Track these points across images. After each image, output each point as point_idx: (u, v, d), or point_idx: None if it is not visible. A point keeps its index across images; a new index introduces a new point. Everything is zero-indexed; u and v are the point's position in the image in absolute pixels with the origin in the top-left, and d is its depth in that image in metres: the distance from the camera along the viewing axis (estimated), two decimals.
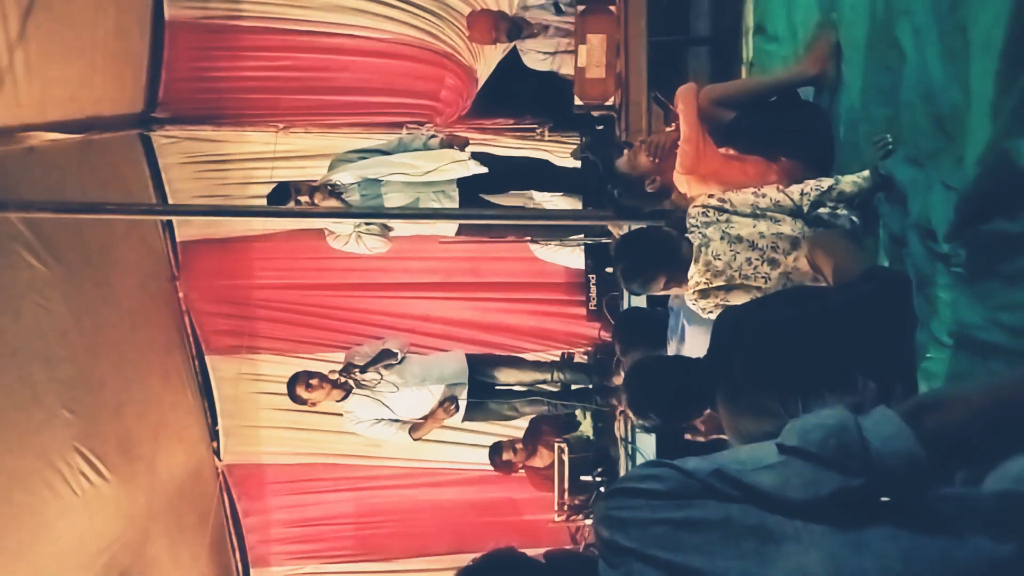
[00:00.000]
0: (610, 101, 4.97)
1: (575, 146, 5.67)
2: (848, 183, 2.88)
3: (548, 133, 5.95)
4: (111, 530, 5.17)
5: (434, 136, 5.33)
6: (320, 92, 6.05)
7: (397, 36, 5.92)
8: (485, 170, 5.12)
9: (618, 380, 5.23)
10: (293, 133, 6.02)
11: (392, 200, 5.08)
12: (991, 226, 2.17)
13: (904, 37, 2.58)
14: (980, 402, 1.46)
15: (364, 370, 5.52)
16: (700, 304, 3.06)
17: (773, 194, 3.00)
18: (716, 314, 2.92)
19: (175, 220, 6.21)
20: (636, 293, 3.30)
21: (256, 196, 5.80)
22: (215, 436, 6.52)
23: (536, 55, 5.57)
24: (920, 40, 2.47)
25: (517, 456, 5.70)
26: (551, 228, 5.33)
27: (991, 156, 2.11)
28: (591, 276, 5.27)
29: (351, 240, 5.24)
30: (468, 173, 5.08)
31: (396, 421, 5.64)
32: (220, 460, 6.57)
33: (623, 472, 4.77)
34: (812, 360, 2.38)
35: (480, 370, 5.73)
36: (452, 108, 6.04)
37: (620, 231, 4.20)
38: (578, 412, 5.70)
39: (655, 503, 1.42)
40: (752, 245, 2.91)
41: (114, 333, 5.38)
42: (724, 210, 3.02)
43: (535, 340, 6.36)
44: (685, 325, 3.57)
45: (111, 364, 5.30)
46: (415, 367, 5.66)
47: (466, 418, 5.73)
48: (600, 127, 5.13)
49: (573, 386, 5.78)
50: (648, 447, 4.35)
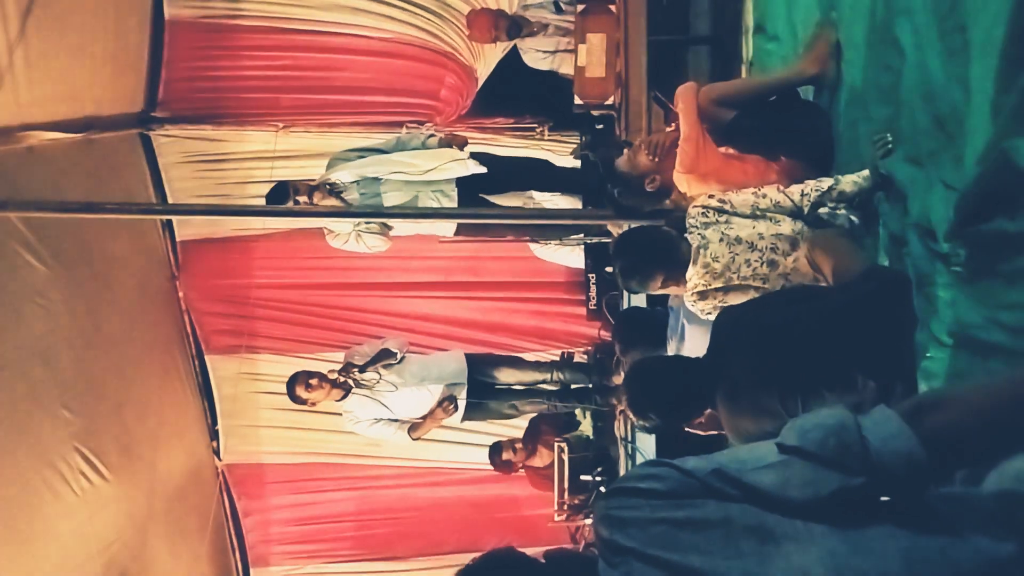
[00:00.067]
0: (610, 100, 4.97)
1: (575, 145, 5.67)
2: (848, 183, 2.88)
3: (548, 132, 5.95)
4: (111, 530, 5.17)
5: (433, 135, 5.32)
6: (320, 91, 6.05)
7: (397, 35, 5.91)
8: (484, 170, 5.11)
9: (618, 380, 5.23)
10: (293, 133, 6.01)
11: (391, 199, 5.07)
12: (991, 225, 2.17)
13: (904, 36, 2.58)
14: (980, 402, 1.46)
15: (363, 370, 5.52)
16: (699, 306, 3.06)
17: (773, 194, 3.00)
18: (715, 315, 2.92)
19: (175, 219, 6.21)
20: (634, 291, 3.30)
21: (256, 196, 5.80)
22: (215, 436, 6.52)
23: (536, 54, 5.57)
24: (920, 39, 2.47)
25: (517, 456, 5.70)
26: (551, 227, 5.33)
27: (991, 155, 2.11)
28: (591, 275, 5.27)
29: (351, 239, 5.24)
30: (467, 172, 5.07)
31: (395, 421, 5.64)
32: (220, 460, 6.57)
33: (623, 472, 4.77)
34: (812, 359, 2.38)
35: (479, 370, 5.73)
36: (452, 107, 6.04)
37: (620, 230, 4.19)
38: (578, 412, 5.70)
39: (655, 503, 1.42)
40: (751, 246, 2.91)
41: (114, 332, 5.38)
42: (724, 211, 3.02)
43: (535, 339, 6.36)
44: (685, 325, 3.57)
45: (111, 364, 5.30)
46: (414, 367, 5.66)
47: (465, 418, 5.72)
48: (600, 126, 5.13)
49: (573, 386, 5.78)
50: (648, 446, 4.35)
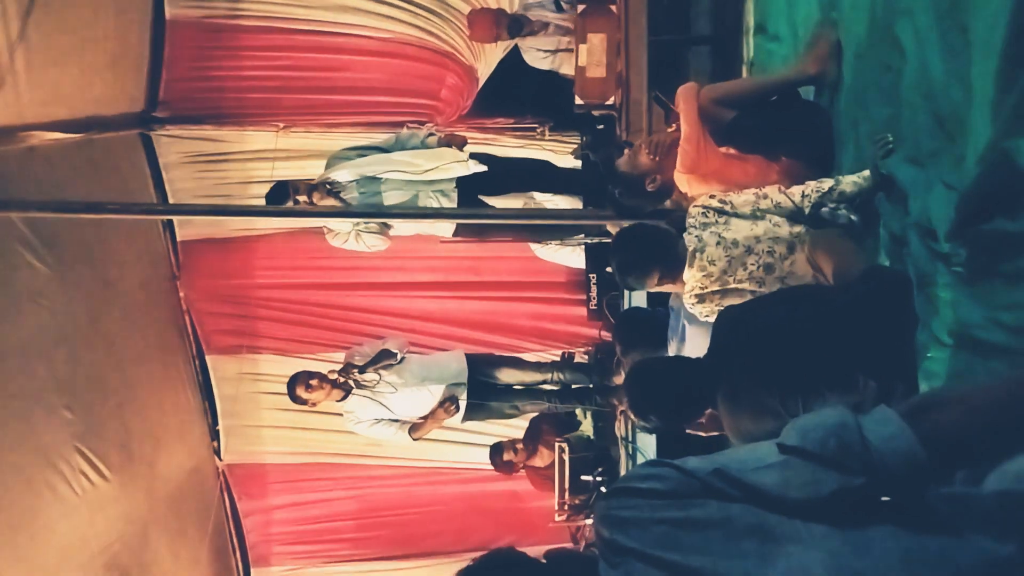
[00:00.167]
0: (611, 100, 4.97)
1: (575, 146, 5.67)
2: (849, 183, 2.88)
3: (548, 133, 5.95)
4: (111, 530, 5.17)
5: (432, 134, 5.32)
6: (321, 92, 6.05)
7: (398, 35, 5.91)
8: (485, 168, 5.11)
9: (619, 380, 5.23)
10: (294, 133, 6.01)
11: (391, 198, 5.07)
12: (992, 225, 2.17)
13: (905, 36, 2.58)
14: (980, 402, 1.46)
15: (363, 370, 5.52)
16: (697, 308, 3.06)
17: (775, 195, 3.00)
18: (715, 317, 2.92)
19: (176, 220, 6.21)
20: (631, 288, 3.30)
21: (256, 196, 5.80)
22: (216, 436, 6.52)
23: (537, 53, 5.57)
24: (920, 39, 2.47)
25: (518, 456, 5.70)
26: (551, 228, 5.33)
27: (992, 155, 2.11)
28: (592, 276, 5.27)
29: (350, 238, 5.24)
30: (468, 172, 5.07)
31: (396, 421, 5.64)
32: (220, 460, 6.57)
33: (624, 472, 4.77)
34: (813, 359, 2.38)
35: (480, 370, 5.73)
36: (453, 107, 6.04)
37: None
38: (578, 412, 5.70)
39: (656, 503, 1.42)
40: (748, 250, 2.91)
41: (115, 333, 5.38)
42: (724, 211, 3.02)
43: (536, 340, 6.36)
44: (686, 325, 3.57)
45: (111, 363, 5.30)
46: (414, 367, 5.66)
47: (466, 418, 5.72)
48: (601, 127, 5.13)
49: (573, 386, 5.78)
50: (649, 447, 4.35)
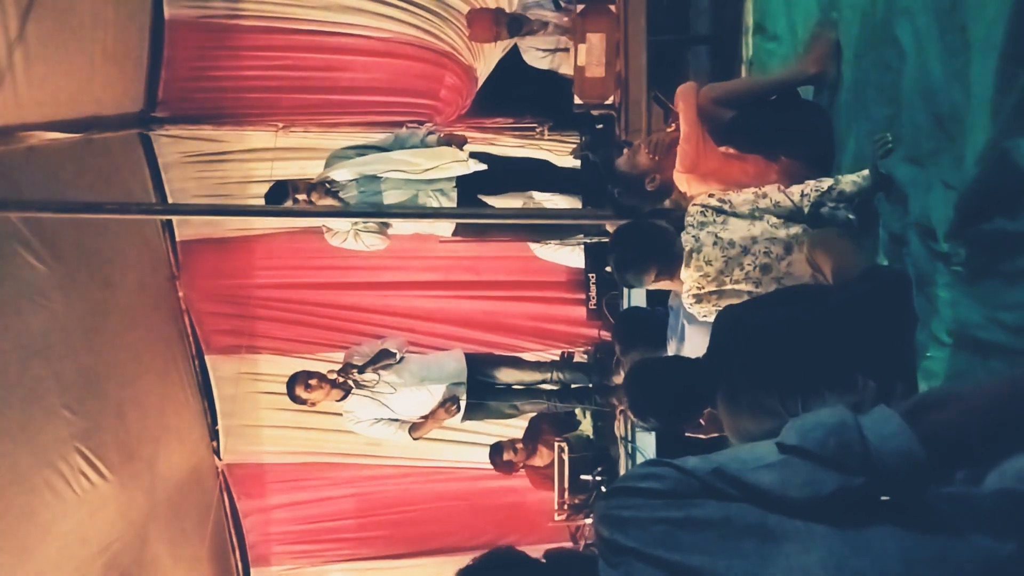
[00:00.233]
0: (610, 100, 4.97)
1: (575, 145, 5.67)
2: (848, 183, 2.88)
3: (548, 132, 5.95)
4: (111, 530, 5.17)
5: (432, 133, 5.32)
6: (320, 91, 6.05)
7: (397, 35, 5.91)
8: (484, 167, 5.11)
9: (618, 379, 5.23)
10: (293, 132, 6.01)
11: (390, 197, 5.07)
12: (991, 225, 2.17)
13: (904, 36, 2.58)
14: (980, 401, 1.46)
15: (362, 370, 5.52)
16: (695, 309, 3.06)
17: (774, 194, 3.00)
18: (714, 316, 2.92)
19: (175, 219, 6.21)
20: (629, 285, 3.30)
21: (256, 196, 5.80)
22: (215, 436, 6.52)
23: (536, 52, 5.57)
24: (920, 39, 2.47)
25: (518, 456, 5.70)
26: (551, 227, 5.32)
27: (991, 155, 2.11)
28: (591, 275, 5.27)
29: (349, 237, 5.23)
30: (468, 171, 5.07)
31: (395, 420, 5.64)
32: (220, 460, 6.57)
33: (623, 471, 4.77)
34: (812, 359, 2.38)
35: (479, 370, 5.72)
36: (452, 107, 6.03)
37: None
38: (578, 411, 5.70)
39: (655, 502, 1.42)
40: (745, 250, 2.91)
41: (114, 332, 5.38)
42: (723, 211, 3.02)
43: (535, 339, 6.36)
44: (685, 324, 3.56)
45: (111, 363, 5.29)
46: (414, 367, 5.65)
47: (466, 417, 5.72)
48: (600, 126, 5.13)
49: (573, 385, 5.77)
50: (648, 446, 4.35)
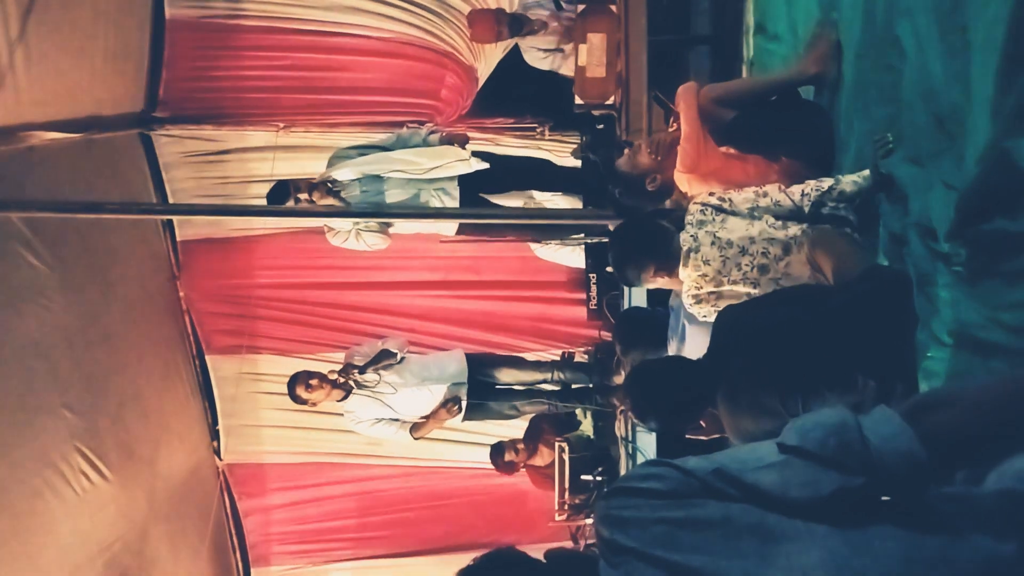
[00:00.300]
0: (610, 100, 4.97)
1: (575, 145, 5.67)
2: (848, 183, 2.87)
3: (548, 132, 5.94)
4: (112, 529, 5.17)
5: (434, 132, 5.32)
6: (321, 91, 6.05)
7: (398, 35, 5.91)
8: (487, 166, 5.12)
9: (619, 380, 5.23)
10: (293, 132, 6.02)
11: (393, 196, 5.07)
12: (992, 225, 2.17)
13: (905, 36, 2.58)
14: (980, 401, 1.46)
15: (363, 371, 5.52)
16: (695, 309, 3.06)
17: (775, 194, 3.00)
18: (714, 316, 2.92)
19: (175, 219, 6.21)
20: (629, 282, 3.30)
21: (257, 196, 5.80)
22: (216, 436, 6.52)
23: (537, 52, 5.57)
24: (920, 39, 2.47)
25: (519, 456, 5.69)
26: (552, 227, 5.33)
27: (991, 155, 2.11)
28: (591, 275, 5.27)
29: (350, 237, 5.23)
30: (470, 170, 5.08)
31: (396, 420, 5.64)
32: (221, 459, 6.57)
33: (623, 471, 4.77)
34: (812, 359, 2.38)
35: (480, 370, 5.72)
36: (453, 107, 6.03)
37: None
38: (578, 411, 5.69)
39: (656, 502, 1.42)
40: (743, 250, 2.91)
41: (115, 333, 5.38)
42: (722, 209, 3.02)
43: (535, 339, 6.36)
44: (686, 324, 3.56)
45: (111, 364, 5.30)
46: (414, 367, 5.65)
47: (466, 418, 5.72)
48: (600, 126, 5.13)
49: (573, 385, 5.77)
50: (649, 446, 4.36)
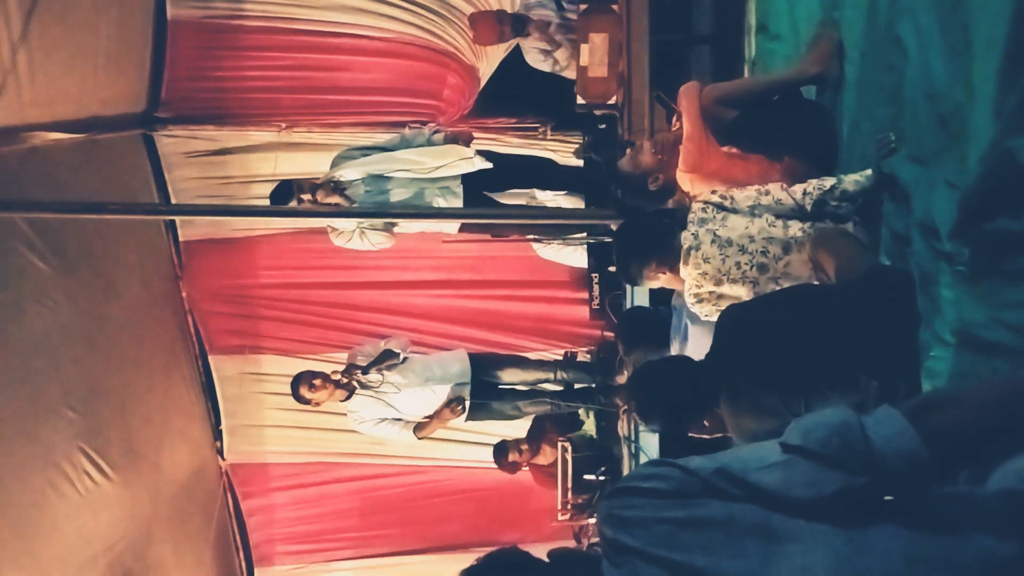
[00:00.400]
0: (612, 100, 4.96)
1: (577, 145, 5.67)
2: (851, 182, 2.87)
3: (550, 132, 5.95)
4: (115, 530, 5.18)
5: (438, 131, 5.32)
6: (323, 91, 6.06)
7: (400, 35, 5.92)
8: (490, 165, 5.12)
9: (621, 379, 5.23)
10: (296, 132, 6.02)
11: (397, 196, 5.08)
12: (994, 225, 2.16)
13: (907, 36, 2.57)
14: (983, 401, 1.46)
15: (366, 371, 5.52)
16: (697, 308, 3.06)
17: (776, 192, 3.00)
18: (717, 316, 2.92)
19: (178, 220, 6.22)
20: (632, 279, 3.29)
21: (259, 196, 5.81)
22: (219, 435, 6.53)
23: (537, 55, 5.57)
24: (923, 39, 2.46)
25: (522, 456, 5.70)
26: (554, 227, 5.33)
27: (994, 154, 2.10)
28: (594, 275, 5.27)
29: (354, 236, 5.24)
30: (474, 169, 5.08)
31: (399, 420, 5.64)
32: (224, 459, 6.58)
33: (626, 471, 4.77)
34: (815, 359, 2.38)
35: (483, 370, 5.72)
36: (454, 107, 6.04)
37: None
38: (581, 411, 5.70)
39: (659, 502, 1.42)
40: (742, 249, 2.91)
41: (117, 333, 5.39)
42: (723, 207, 3.02)
43: (538, 339, 6.36)
44: (688, 324, 3.57)
45: (114, 364, 5.30)
46: (417, 367, 5.66)
47: (469, 417, 5.72)
48: (602, 126, 5.13)
49: (576, 385, 5.78)
50: (651, 446, 4.36)
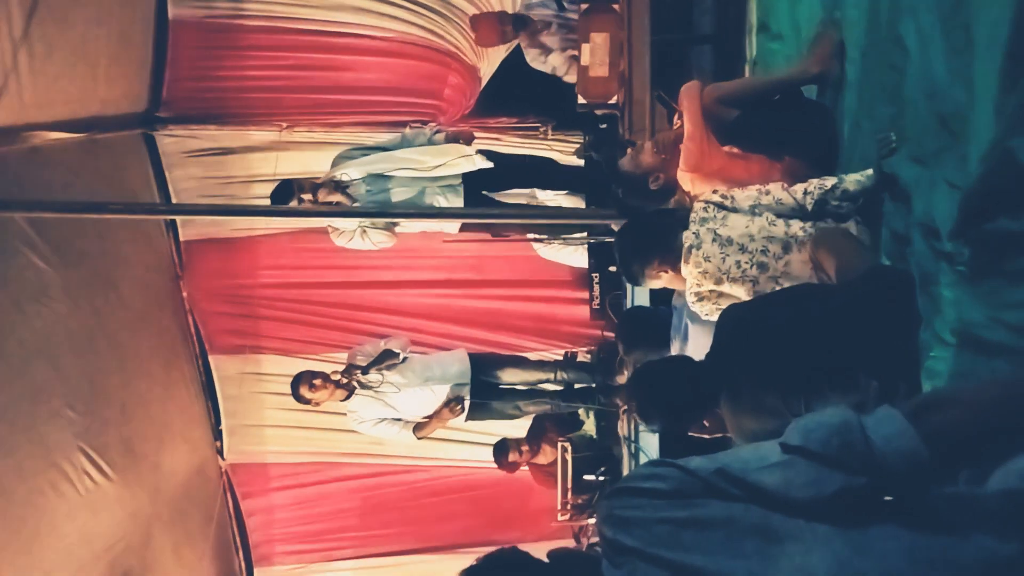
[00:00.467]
0: (613, 100, 4.96)
1: (578, 145, 5.67)
2: (852, 182, 2.87)
3: (551, 132, 5.95)
4: (115, 530, 5.18)
5: (439, 131, 5.32)
6: (324, 91, 6.06)
7: (401, 35, 5.92)
8: (491, 164, 5.12)
9: (621, 379, 5.23)
10: (297, 132, 6.02)
11: (398, 195, 5.08)
12: (995, 225, 2.16)
13: (908, 35, 2.57)
14: (983, 401, 1.46)
15: (366, 371, 5.52)
16: (698, 307, 3.06)
17: (777, 192, 2.99)
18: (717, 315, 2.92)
19: (178, 219, 6.22)
20: (634, 279, 3.29)
21: (260, 196, 5.81)
22: (219, 435, 6.53)
23: (537, 56, 5.56)
24: (924, 38, 2.46)
25: (522, 456, 5.70)
26: (554, 227, 5.33)
27: (995, 154, 2.10)
28: (594, 275, 5.27)
29: (356, 236, 5.24)
30: (475, 168, 5.08)
31: (399, 420, 5.64)
32: (224, 459, 6.58)
33: (626, 471, 4.77)
34: (815, 359, 2.38)
35: (483, 370, 5.72)
36: (455, 107, 6.04)
37: None
38: (581, 411, 5.69)
39: (658, 502, 1.42)
40: (742, 248, 2.90)
41: (118, 332, 5.39)
42: (724, 207, 3.01)
43: (538, 339, 6.36)
44: (688, 324, 3.56)
45: (115, 363, 5.30)
46: (417, 367, 5.66)
47: (469, 417, 5.73)
48: (603, 126, 5.13)
49: (576, 385, 5.77)
50: (651, 446, 4.35)
